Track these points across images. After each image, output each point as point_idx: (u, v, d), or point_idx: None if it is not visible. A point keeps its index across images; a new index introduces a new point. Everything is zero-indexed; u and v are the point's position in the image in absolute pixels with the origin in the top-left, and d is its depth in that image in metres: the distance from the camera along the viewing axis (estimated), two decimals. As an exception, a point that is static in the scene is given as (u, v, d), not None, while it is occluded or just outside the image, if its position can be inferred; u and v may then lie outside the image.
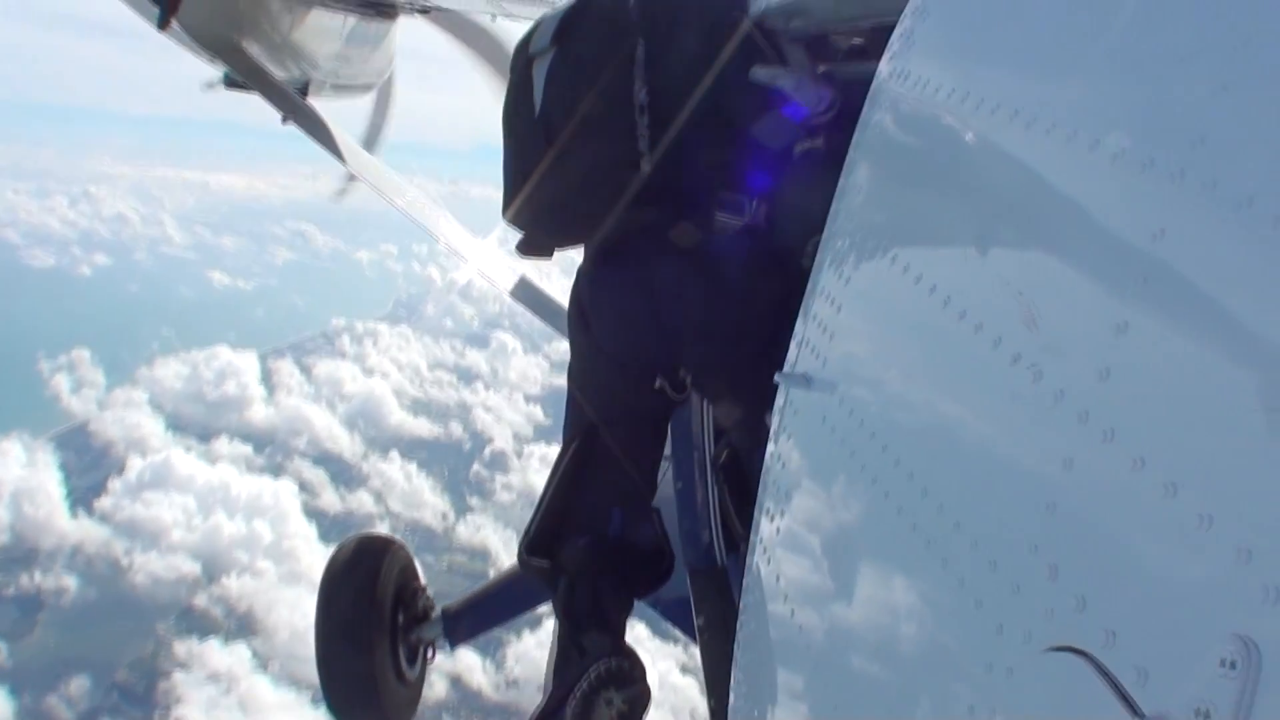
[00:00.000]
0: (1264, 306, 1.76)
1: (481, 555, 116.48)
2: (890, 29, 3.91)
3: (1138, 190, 2.04)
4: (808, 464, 3.59)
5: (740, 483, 6.38)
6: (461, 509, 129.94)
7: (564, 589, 6.21)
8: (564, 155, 5.54)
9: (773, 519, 3.64)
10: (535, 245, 6.06)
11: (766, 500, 3.74)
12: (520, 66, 5.92)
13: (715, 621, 6.68)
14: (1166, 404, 1.88)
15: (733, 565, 6.90)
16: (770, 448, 3.78)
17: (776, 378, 3.74)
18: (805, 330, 3.62)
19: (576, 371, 6.33)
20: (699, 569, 7.15)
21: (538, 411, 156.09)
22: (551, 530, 6.33)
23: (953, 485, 2.48)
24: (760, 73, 5.34)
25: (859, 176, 3.52)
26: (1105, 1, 2.49)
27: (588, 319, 6.04)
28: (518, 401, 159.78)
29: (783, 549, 3.59)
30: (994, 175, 2.71)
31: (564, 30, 5.73)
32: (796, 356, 3.64)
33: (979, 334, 2.42)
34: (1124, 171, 2.09)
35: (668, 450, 7.94)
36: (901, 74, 3.36)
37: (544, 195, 5.69)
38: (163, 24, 11.97)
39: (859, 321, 3.36)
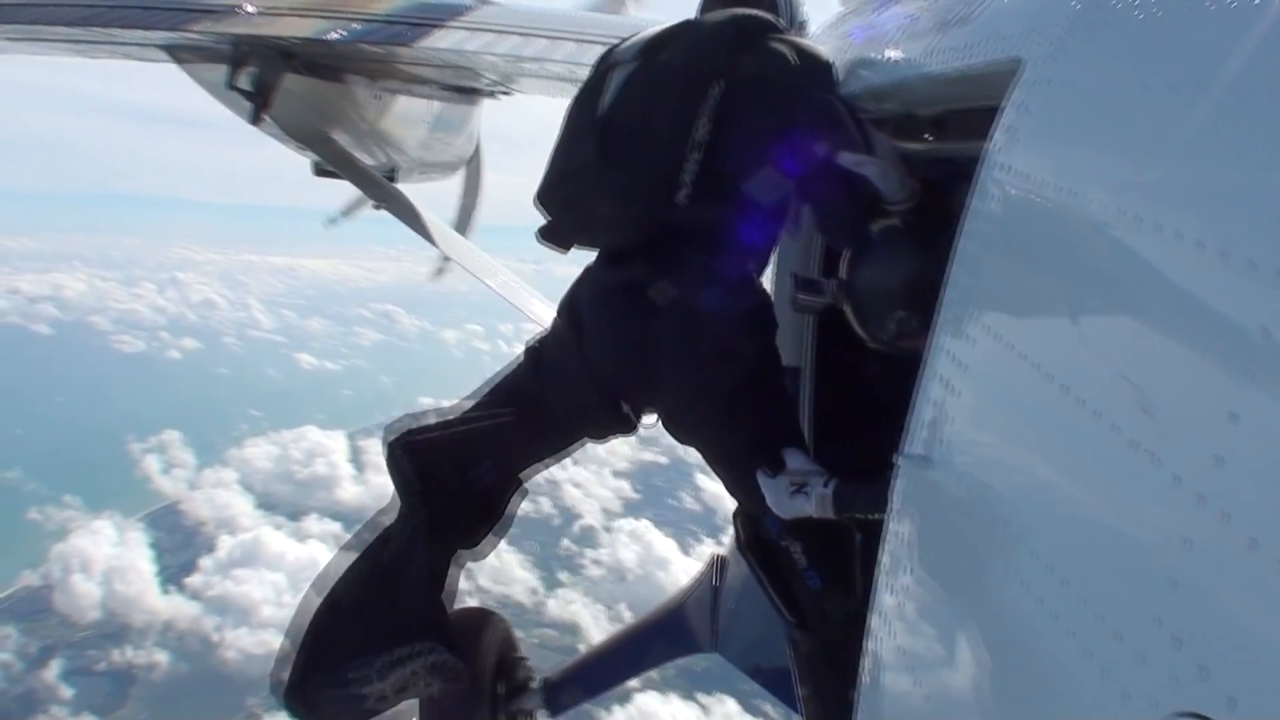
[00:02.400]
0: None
1: (572, 630, 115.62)
2: (980, 110, 4.02)
3: (1242, 289, 2.12)
4: (928, 540, 3.65)
5: (771, 563, 6.37)
6: (551, 584, 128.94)
7: (405, 518, 6.50)
8: (609, 159, 5.70)
9: (894, 593, 3.72)
10: (555, 236, 6.13)
11: (886, 574, 3.82)
12: (600, 69, 6.11)
13: (820, 690, 6.68)
14: (1278, 489, 1.98)
15: (801, 636, 6.89)
16: (889, 524, 3.85)
17: (896, 457, 3.81)
18: (922, 412, 3.69)
19: (547, 357, 6.42)
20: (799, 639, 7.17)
21: (626, 486, 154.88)
22: (431, 447, 6.50)
23: (1077, 562, 2.57)
24: (848, 158, 5.38)
25: (968, 265, 3.59)
26: (1208, 100, 2.55)
27: (581, 325, 6.11)
28: (606, 477, 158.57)
29: (905, 622, 3.65)
30: (1103, 268, 2.77)
31: (653, 48, 5.93)
32: (915, 436, 3.71)
33: (1097, 420, 2.51)
34: (1229, 269, 2.17)
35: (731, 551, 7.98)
36: (1005, 167, 3.44)
37: (578, 190, 5.86)
38: (255, 119, 12.25)
39: (977, 406, 3.44)
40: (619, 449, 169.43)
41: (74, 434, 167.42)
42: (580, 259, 6.26)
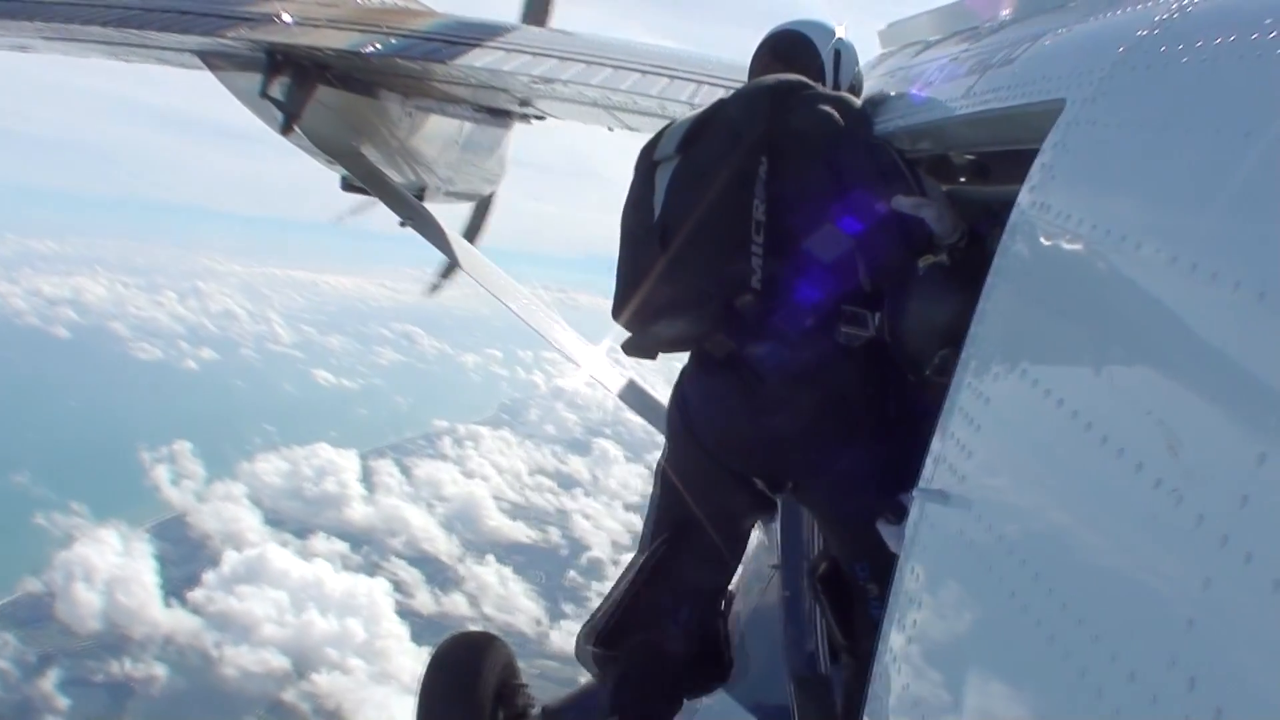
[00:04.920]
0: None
1: (573, 663, 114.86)
2: (1016, 154, 4.01)
3: (1277, 334, 2.12)
4: (942, 577, 3.63)
5: (841, 594, 6.39)
6: (556, 615, 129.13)
7: (613, 683, 6.48)
8: (678, 261, 5.62)
9: (904, 629, 3.69)
10: (642, 346, 6.10)
11: (898, 611, 3.79)
12: (643, 170, 6.02)
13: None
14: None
15: (834, 675, 6.90)
16: (903, 560, 3.83)
17: (913, 492, 3.79)
18: (942, 447, 3.66)
19: (676, 468, 6.32)
20: (803, 677, 7.16)
21: (636, 520, 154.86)
22: (620, 624, 6.45)
23: (1092, 601, 2.54)
24: (904, 202, 5.39)
25: (998, 301, 3.57)
26: (1250, 146, 2.53)
27: (691, 420, 6.07)
28: (617, 510, 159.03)
29: (915, 660, 3.63)
30: (1134, 308, 2.76)
31: (690, 139, 5.84)
32: (933, 472, 3.69)
33: (1121, 459, 2.48)
34: (1266, 312, 2.16)
35: (775, 560, 7.97)
36: (1042, 205, 3.43)
37: (656, 299, 5.75)
38: (286, 129, 12.28)
39: (999, 442, 3.41)
40: (631, 482, 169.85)
41: (85, 440, 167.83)
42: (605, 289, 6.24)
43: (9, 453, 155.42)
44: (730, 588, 9.83)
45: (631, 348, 6.13)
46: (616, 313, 6.00)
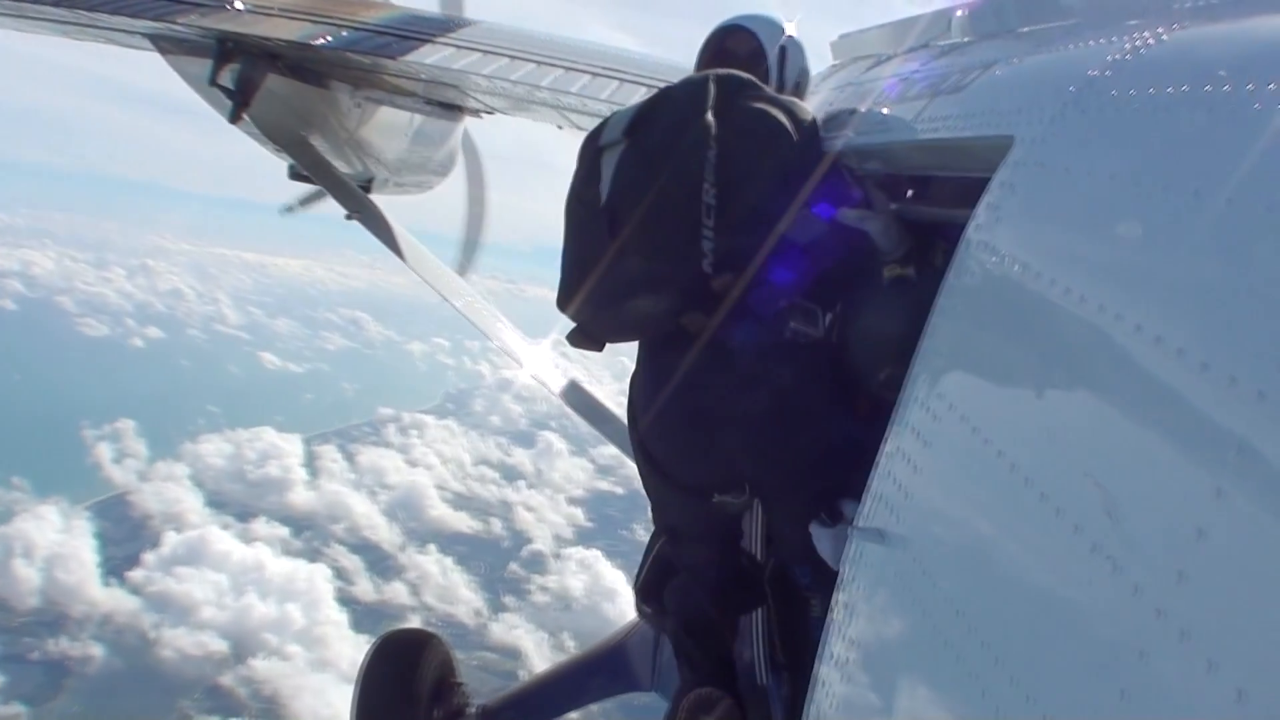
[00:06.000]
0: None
1: (513, 654, 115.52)
2: (964, 181, 3.97)
3: (1220, 404, 2.07)
4: (876, 616, 3.61)
5: (784, 602, 6.44)
6: (496, 607, 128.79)
7: (670, 627, 6.97)
8: (626, 247, 5.53)
9: (837, 664, 3.67)
10: (588, 336, 6.00)
11: (831, 645, 3.77)
12: (589, 156, 5.92)
13: None
14: (1240, 613, 1.90)
15: (772, 685, 6.89)
16: (838, 596, 3.81)
17: (849, 530, 3.77)
18: (880, 486, 3.63)
19: (647, 492, 6.37)
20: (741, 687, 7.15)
21: (579, 514, 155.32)
22: (650, 579, 6.95)
23: (1027, 660, 2.52)
24: (850, 215, 5.39)
25: (941, 341, 3.54)
26: (1201, 201, 2.48)
27: (646, 444, 6.09)
28: (560, 503, 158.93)
29: (846, 696, 3.61)
30: (1076, 363, 2.72)
31: (637, 124, 5.77)
32: (870, 510, 3.66)
33: (1058, 518, 2.45)
34: (1207, 382, 2.12)
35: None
36: (986, 245, 3.39)
37: (603, 286, 5.67)
38: (234, 118, 12.24)
39: (936, 485, 3.38)
40: (575, 476, 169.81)
41: (28, 415, 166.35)
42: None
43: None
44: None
45: (577, 338, 6.03)
46: (562, 301, 5.91)
